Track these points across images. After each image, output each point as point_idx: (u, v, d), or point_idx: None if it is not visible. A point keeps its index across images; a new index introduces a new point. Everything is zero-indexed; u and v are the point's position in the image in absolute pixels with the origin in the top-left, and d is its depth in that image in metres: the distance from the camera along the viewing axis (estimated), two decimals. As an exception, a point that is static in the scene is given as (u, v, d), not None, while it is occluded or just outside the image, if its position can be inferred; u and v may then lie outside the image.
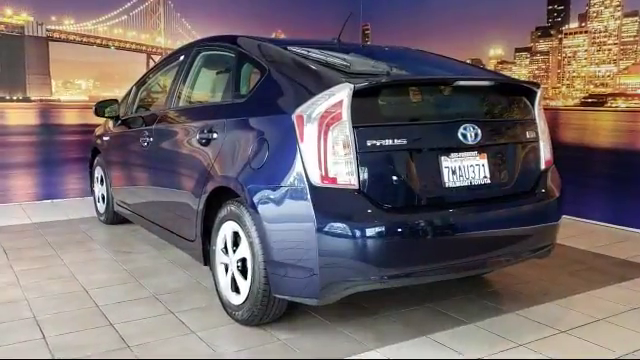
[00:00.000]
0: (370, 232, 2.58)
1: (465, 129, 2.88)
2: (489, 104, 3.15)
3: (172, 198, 3.83)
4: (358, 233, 2.56)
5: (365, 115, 2.67)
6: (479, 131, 2.92)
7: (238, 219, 2.99)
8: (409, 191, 2.73)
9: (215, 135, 3.29)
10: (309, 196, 2.58)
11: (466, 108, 3.02)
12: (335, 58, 3.08)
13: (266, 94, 3.07)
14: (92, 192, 5.78)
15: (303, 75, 2.90)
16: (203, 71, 3.89)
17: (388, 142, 2.67)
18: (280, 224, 2.74)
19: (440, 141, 2.85)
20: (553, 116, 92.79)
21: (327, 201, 2.59)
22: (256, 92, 3.16)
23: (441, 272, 2.82)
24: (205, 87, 3.85)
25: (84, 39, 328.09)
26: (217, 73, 3.80)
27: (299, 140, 2.64)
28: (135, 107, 4.81)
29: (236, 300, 3.09)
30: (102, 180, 5.42)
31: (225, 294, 3.20)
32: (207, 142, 3.34)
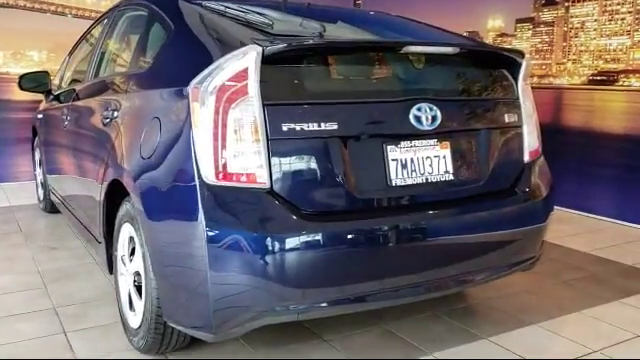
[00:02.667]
0: (284, 247, 1.93)
1: (419, 110, 2.20)
2: (456, 79, 2.47)
3: (81, 190, 3.21)
4: (266, 248, 1.91)
5: (281, 90, 2.01)
6: (438, 113, 2.24)
7: (133, 222, 2.36)
8: (340, 191, 2.07)
9: (115, 114, 2.65)
10: (199, 198, 1.93)
11: (423, 83, 2.34)
12: (261, 17, 2.40)
13: (166, 61, 2.42)
14: (35, 176, 5.18)
15: (208, 36, 2.22)
16: (121, 36, 3.23)
17: (312, 126, 2.00)
18: (167, 233, 2.11)
19: (386, 126, 2.18)
20: (557, 96, 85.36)
21: (224, 205, 1.94)
22: (157, 59, 2.51)
23: (387, 297, 2.17)
24: (120, 55, 3.20)
25: (36, 5, 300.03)
26: (132, 38, 3.14)
27: (192, 122, 1.98)
28: (65, 80, 4.18)
29: (133, 322, 2.47)
30: (41, 163, 4.82)
31: (124, 313, 2.58)
32: (109, 122, 2.70)
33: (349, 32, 2.56)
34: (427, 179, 2.26)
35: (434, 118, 2.23)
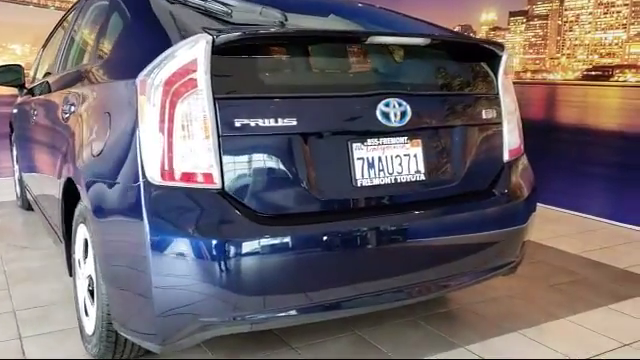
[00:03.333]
0: (234, 252, 1.79)
1: (387, 106, 2.05)
2: (430, 73, 2.32)
3: (46, 188, 3.08)
4: (216, 253, 1.77)
5: (234, 82, 1.87)
6: (408, 109, 2.10)
7: (86, 223, 2.22)
8: (300, 192, 1.92)
9: (73, 108, 2.51)
10: (142, 200, 1.79)
11: (392, 77, 2.19)
12: (222, 5, 2.25)
13: (119, 53, 2.28)
14: (14, 172, 5.06)
15: (162, 25, 2.08)
16: (86, 27, 3.09)
17: (269, 122, 1.86)
18: (113, 237, 1.97)
19: (351, 122, 2.04)
20: (550, 92, 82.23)
21: (170, 207, 1.80)
22: (111, 50, 2.38)
23: (350, 305, 2.03)
24: (82, 47, 3.05)
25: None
26: (94, 29, 3.00)
27: (139, 117, 1.84)
28: (38, 74, 4.04)
29: (88, 328, 2.34)
30: (17, 159, 4.69)
31: (81, 318, 2.45)
32: (68, 117, 2.57)
33: (317, 22, 2.41)
34: (396, 179, 2.11)
35: (403, 114, 2.08)
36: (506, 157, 2.44)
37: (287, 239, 1.84)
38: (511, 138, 2.46)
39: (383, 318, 2.76)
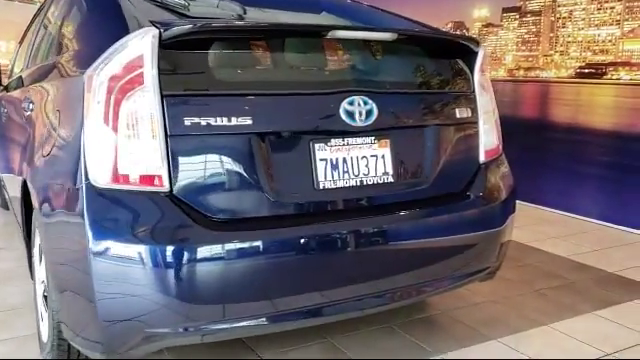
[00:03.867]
0: (184, 259, 1.68)
1: (351, 104, 1.95)
2: (400, 69, 2.21)
3: (11, 188, 2.99)
4: (162, 260, 1.67)
5: (185, 79, 1.76)
6: (374, 108, 1.99)
7: (38, 226, 2.12)
8: (257, 196, 1.82)
9: (31, 106, 2.42)
10: (85, 203, 1.69)
11: (357, 74, 2.09)
12: None
13: (74, 47, 2.19)
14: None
15: (114, 19, 1.97)
16: (52, 22, 2.99)
17: (222, 121, 1.76)
18: (58, 241, 1.87)
19: (313, 121, 1.93)
20: (542, 90, 79.63)
21: (113, 211, 1.70)
22: (67, 45, 2.29)
23: (310, 315, 1.92)
24: (46, 43, 2.95)
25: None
26: (58, 23, 2.90)
27: (84, 115, 1.74)
28: (15, 69, 3.95)
29: (44, 335, 2.25)
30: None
31: (38, 324, 2.36)
32: (28, 115, 2.47)
33: (278, 16, 2.29)
34: (362, 181, 2.00)
35: (369, 113, 1.98)
36: (482, 158, 2.33)
37: (241, 245, 1.74)
38: (488, 138, 2.35)
39: (360, 324, 2.65)
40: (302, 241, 1.83)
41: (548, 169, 10.04)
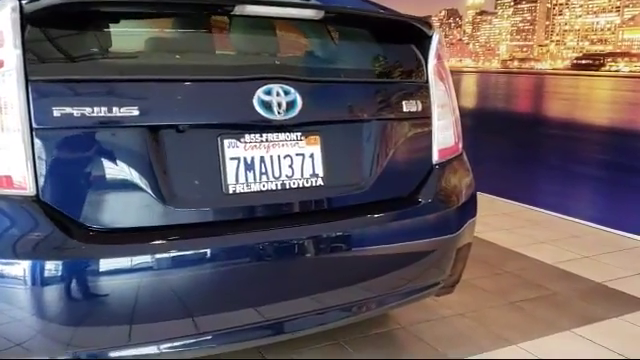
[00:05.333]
0: (50, 274, 1.43)
1: (268, 93, 1.67)
2: (335, 54, 1.93)
3: None
4: (22, 278, 1.41)
5: (55, 61, 1.50)
6: (298, 98, 1.71)
7: None
8: (148, 201, 1.55)
9: None
10: None
11: (277, 58, 1.81)
12: None
13: None
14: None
15: None
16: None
17: (101, 111, 1.49)
18: None
19: (222, 113, 1.66)
20: (537, 82, 73.89)
21: None
22: None
23: (215, 342, 1.65)
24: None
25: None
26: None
27: None
28: None
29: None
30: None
31: None
32: None
33: None
34: (285, 184, 1.73)
35: (291, 105, 1.70)
36: (436, 158, 2.05)
37: (122, 260, 1.47)
38: (443, 135, 2.06)
39: (308, 341, 2.39)
40: (204, 256, 1.56)
41: (541, 167, 9.58)
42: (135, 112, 1.51)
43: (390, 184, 1.93)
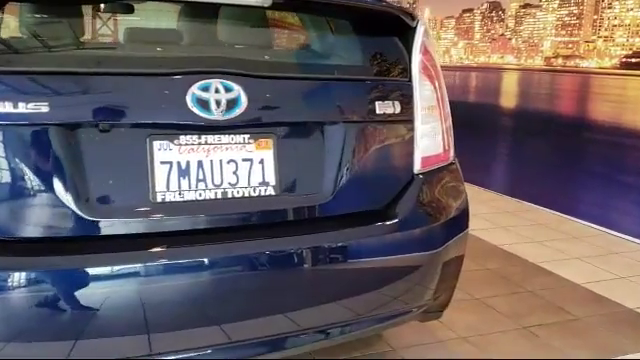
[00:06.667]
0: None
1: (205, 89, 1.47)
2: (294, 46, 1.70)
3: None
4: None
5: None
6: (242, 95, 1.50)
7: None
8: (58, 210, 1.38)
9: None
10: None
11: (219, 49, 1.61)
12: None
13: None
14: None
15: None
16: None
17: (5, 107, 1.33)
18: None
19: (150, 111, 1.47)
20: (582, 82, 66.50)
21: None
22: None
23: None
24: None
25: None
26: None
27: None
28: None
29: None
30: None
31: None
32: None
33: None
34: (227, 193, 1.53)
35: (233, 103, 1.49)
36: (417, 167, 1.80)
37: (29, 276, 1.31)
38: (428, 141, 1.81)
39: None
40: (121, 273, 1.38)
41: (586, 175, 8.81)
42: (45, 108, 1.34)
43: (359, 195, 1.70)
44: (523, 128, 15.52)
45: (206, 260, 1.45)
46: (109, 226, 1.41)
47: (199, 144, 1.50)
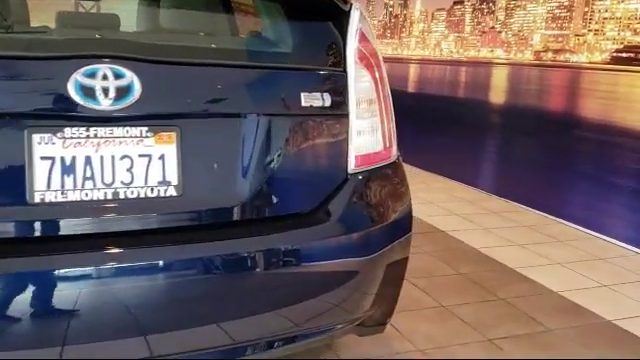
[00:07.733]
0: None
1: (91, 76, 1.29)
2: (199, 28, 1.52)
3: None
4: None
5: None
6: (135, 82, 1.33)
7: None
8: None
9: None
10: None
11: (108, 30, 1.43)
12: None
13: None
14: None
15: None
16: None
17: None
18: None
19: (27, 101, 1.29)
20: (571, 78, 62.42)
21: None
22: None
23: None
24: None
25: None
26: None
27: None
28: None
29: None
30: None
31: None
32: None
33: None
34: (119, 193, 1.35)
35: (125, 91, 1.31)
36: (352, 166, 1.61)
37: None
38: (365, 139, 1.63)
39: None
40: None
41: (575, 175, 8.40)
42: None
43: (283, 197, 1.52)
44: (510, 125, 15.13)
45: (90, 270, 1.28)
46: None
47: (87, 137, 1.32)
